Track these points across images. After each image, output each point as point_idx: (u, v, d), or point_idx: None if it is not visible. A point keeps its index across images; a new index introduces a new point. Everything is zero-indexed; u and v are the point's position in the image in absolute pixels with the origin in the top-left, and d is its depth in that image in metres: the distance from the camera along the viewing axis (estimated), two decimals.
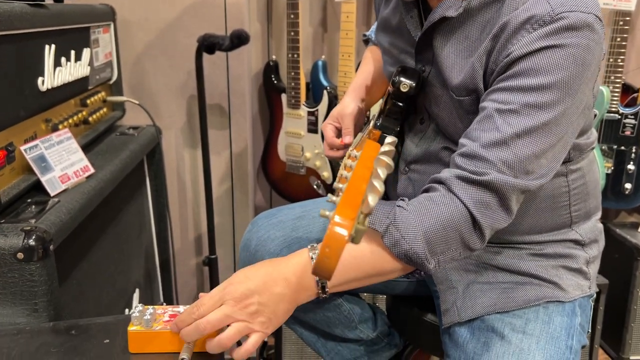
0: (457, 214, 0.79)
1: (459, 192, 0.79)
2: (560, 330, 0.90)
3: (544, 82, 0.77)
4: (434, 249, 0.80)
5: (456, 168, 0.81)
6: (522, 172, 0.79)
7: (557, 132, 0.79)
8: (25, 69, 1.02)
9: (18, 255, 0.85)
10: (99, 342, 0.80)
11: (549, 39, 0.76)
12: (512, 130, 0.78)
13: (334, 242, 0.54)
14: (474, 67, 0.85)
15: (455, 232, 0.80)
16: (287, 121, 1.89)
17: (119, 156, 1.31)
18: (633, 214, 2.13)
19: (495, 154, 0.78)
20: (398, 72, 0.94)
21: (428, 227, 0.79)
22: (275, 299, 0.77)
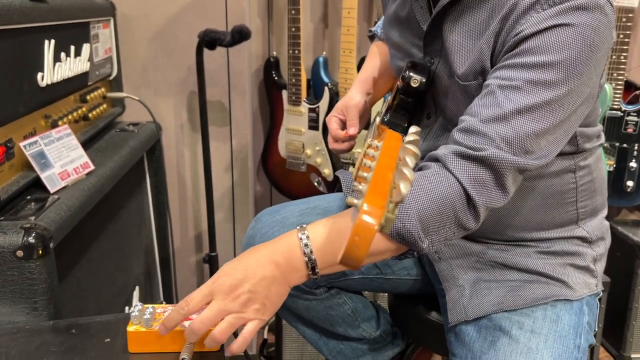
0: (451, 191, 0.77)
1: (454, 169, 0.77)
2: (569, 329, 0.89)
3: (550, 59, 0.75)
4: (428, 228, 0.77)
5: (454, 144, 0.79)
6: (520, 150, 0.77)
7: (560, 113, 0.77)
8: (25, 65, 1.01)
9: (17, 253, 0.84)
10: (99, 341, 0.79)
11: (558, 17, 0.75)
12: (513, 106, 0.76)
13: (364, 230, 0.52)
14: (482, 50, 0.83)
15: (450, 210, 0.77)
16: (287, 118, 1.88)
17: (119, 153, 1.30)
18: (634, 212, 2.13)
19: (494, 129, 0.76)
20: (408, 67, 0.93)
21: (421, 206, 0.76)
22: (265, 283, 0.75)
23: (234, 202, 1.91)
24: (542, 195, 0.93)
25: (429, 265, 1.04)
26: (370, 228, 0.52)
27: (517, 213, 0.93)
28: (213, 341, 0.74)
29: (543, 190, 0.92)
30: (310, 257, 0.76)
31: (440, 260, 1.00)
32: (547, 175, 0.91)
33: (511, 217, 0.94)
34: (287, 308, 1.16)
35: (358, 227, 0.52)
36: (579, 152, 0.92)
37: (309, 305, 1.12)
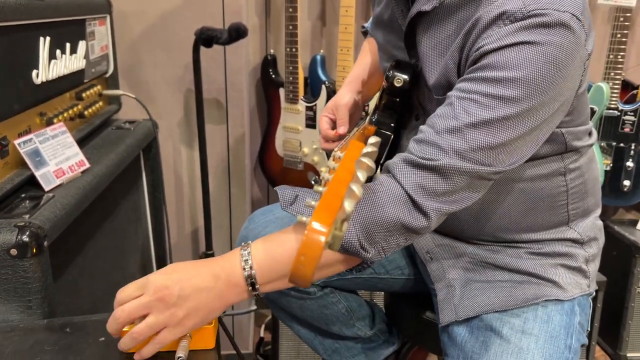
0: (394, 199, 0.76)
1: (399, 176, 0.77)
2: (560, 329, 0.89)
3: (510, 76, 0.74)
4: (373, 237, 0.76)
5: (407, 153, 0.79)
6: (473, 161, 0.76)
7: (519, 128, 0.76)
8: (20, 62, 1.00)
9: (11, 252, 0.84)
10: (94, 340, 0.79)
11: (520, 34, 0.74)
12: (469, 119, 0.75)
13: (310, 249, 0.52)
14: (447, 65, 0.84)
15: (394, 218, 0.76)
16: (285, 116, 1.88)
17: (115, 150, 1.29)
18: (631, 211, 2.13)
19: (447, 141, 0.76)
20: (392, 66, 0.93)
21: (364, 217, 0.75)
22: (198, 294, 0.73)
23: (231, 200, 1.91)
24: (533, 199, 0.93)
25: (422, 265, 1.04)
26: (317, 246, 0.52)
27: (507, 216, 0.93)
28: (131, 340, 0.73)
29: (533, 193, 0.92)
30: (250, 273, 0.75)
31: (431, 260, 1.00)
32: (537, 178, 0.91)
33: (501, 220, 0.94)
34: (282, 308, 1.16)
35: (304, 246, 0.52)
36: (568, 152, 0.91)
37: (303, 304, 1.12)
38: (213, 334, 0.79)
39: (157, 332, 0.73)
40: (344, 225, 0.55)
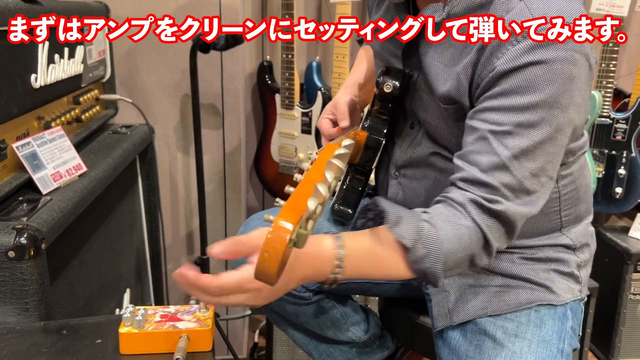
0: (475, 238, 0.80)
1: (476, 218, 0.80)
2: (552, 333, 0.91)
3: (534, 100, 0.76)
4: (448, 268, 0.80)
5: (466, 192, 0.81)
6: (523, 193, 0.80)
7: (553, 148, 0.80)
8: (19, 66, 1.01)
9: (9, 254, 0.84)
10: (91, 343, 0.79)
11: (534, 53, 0.76)
12: (508, 152, 0.78)
13: (273, 246, 0.53)
14: (459, 79, 0.85)
15: (470, 254, 0.81)
16: (280, 122, 1.89)
17: (112, 154, 1.30)
18: (623, 218, 2.15)
19: (497, 178, 0.79)
20: (382, 72, 0.94)
21: (449, 249, 0.79)
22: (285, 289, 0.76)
23: (226, 205, 1.91)
24: None
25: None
26: (280, 243, 0.52)
27: None
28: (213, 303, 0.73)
29: None
30: (336, 277, 0.78)
31: None
32: None
33: None
34: (276, 312, 1.16)
35: (268, 242, 0.53)
36: (562, 165, 0.93)
37: (298, 309, 1.12)
38: (210, 337, 0.79)
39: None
40: (308, 223, 0.56)
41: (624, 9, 1.77)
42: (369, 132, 0.98)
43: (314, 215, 0.55)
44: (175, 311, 0.81)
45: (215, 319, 0.83)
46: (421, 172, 0.98)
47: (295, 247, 0.55)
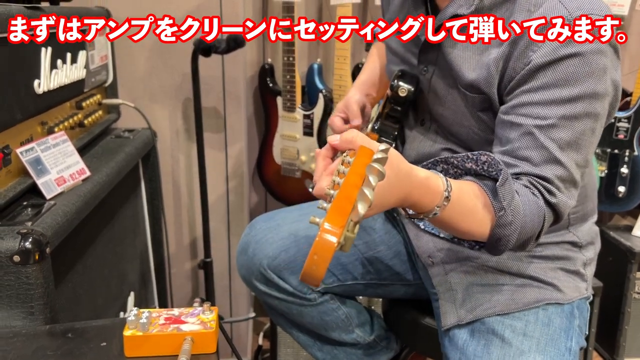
0: (538, 220, 0.81)
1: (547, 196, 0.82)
2: (560, 332, 0.91)
3: (575, 92, 0.78)
4: (517, 241, 0.81)
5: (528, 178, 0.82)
6: (572, 184, 0.83)
7: (593, 139, 0.82)
8: (22, 72, 1.01)
9: (14, 258, 0.85)
10: (96, 346, 0.80)
11: (570, 46, 0.78)
12: (556, 145, 0.80)
13: (323, 249, 0.53)
14: (490, 71, 0.85)
15: (533, 234, 0.82)
16: (282, 124, 1.89)
17: (115, 159, 1.30)
18: (627, 217, 2.15)
19: (551, 171, 0.81)
20: (397, 76, 0.95)
21: (526, 224, 0.80)
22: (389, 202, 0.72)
23: (229, 208, 1.92)
24: None
25: (423, 270, 1.05)
26: (329, 247, 0.53)
27: None
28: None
29: None
30: (437, 212, 0.76)
31: (433, 264, 1.01)
32: None
33: None
34: (281, 314, 1.17)
35: (317, 245, 0.53)
36: None
37: (303, 311, 1.13)
38: (214, 339, 0.79)
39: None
40: (356, 227, 0.56)
41: (625, 7, 1.77)
42: (379, 135, 0.99)
43: (361, 219, 0.56)
44: (179, 314, 0.82)
45: (219, 321, 0.83)
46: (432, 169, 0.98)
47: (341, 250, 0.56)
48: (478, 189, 0.79)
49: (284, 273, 1.08)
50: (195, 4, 1.70)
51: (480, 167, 0.81)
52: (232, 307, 1.98)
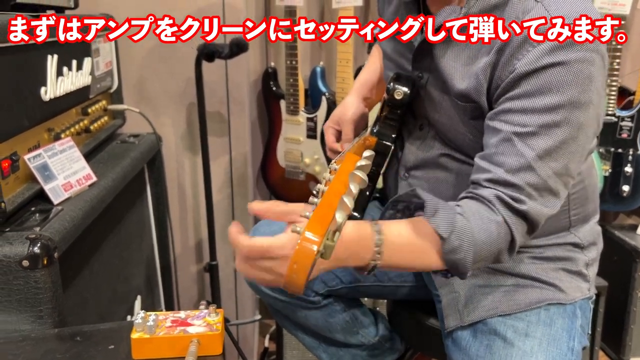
0: (503, 234, 0.82)
1: (504, 215, 0.81)
2: (562, 332, 0.91)
3: (556, 101, 0.78)
4: (477, 260, 0.82)
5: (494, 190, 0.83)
6: (547, 192, 0.82)
7: (575, 148, 0.81)
8: (29, 80, 1.03)
9: (23, 263, 0.86)
10: (104, 348, 0.81)
11: (553, 55, 0.77)
12: (533, 153, 0.80)
13: (302, 258, 0.54)
14: (478, 79, 0.85)
15: (498, 248, 0.82)
16: (286, 127, 1.90)
17: (121, 164, 1.32)
18: (631, 216, 2.14)
19: (522, 179, 0.80)
20: (393, 79, 0.95)
21: (480, 243, 0.80)
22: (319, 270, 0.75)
23: (234, 211, 1.93)
24: None
25: (426, 272, 1.06)
26: (308, 256, 0.54)
27: None
28: (255, 270, 0.73)
29: None
30: (376, 264, 0.78)
31: None
32: None
33: None
34: (286, 316, 1.17)
35: (297, 254, 0.54)
36: None
37: (308, 313, 1.13)
38: (220, 341, 0.80)
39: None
40: (335, 235, 0.57)
41: (626, 7, 1.77)
42: (378, 138, 0.99)
43: (340, 227, 0.57)
44: (185, 316, 0.83)
45: (225, 324, 0.84)
46: (431, 174, 0.99)
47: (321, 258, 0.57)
48: (422, 224, 0.81)
49: None
50: (197, 8, 1.71)
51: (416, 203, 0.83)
52: (238, 310, 1.99)
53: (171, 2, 1.70)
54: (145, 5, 1.70)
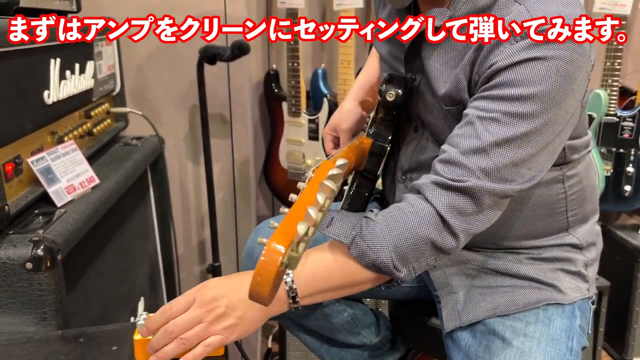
0: (426, 220, 0.80)
1: (430, 197, 0.80)
2: (561, 332, 0.91)
3: (526, 92, 0.77)
4: (405, 257, 0.80)
5: (434, 174, 0.82)
6: (499, 180, 0.79)
7: (539, 142, 0.79)
8: (32, 83, 1.04)
9: (27, 265, 0.87)
10: (107, 350, 0.81)
11: (532, 50, 0.77)
12: (491, 138, 0.78)
13: (265, 270, 0.54)
14: (458, 78, 0.86)
15: (426, 239, 0.80)
16: (288, 129, 1.91)
17: (123, 166, 1.32)
18: (633, 216, 2.14)
19: (473, 161, 0.79)
20: (385, 80, 0.95)
21: (396, 236, 0.79)
22: (244, 305, 0.77)
23: (237, 213, 1.93)
24: (533, 207, 0.95)
25: (425, 273, 1.06)
26: (271, 268, 0.54)
27: (508, 224, 0.95)
28: (177, 344, 0.76)
29: (533, 202, 0.94)
30: (292, 286, 0.80)
31: (434, 268, 1.02)
32: (536, 186, 0.93)
33: (502, 228, 0.96)
34: (288, 317, 1.18)
35: (260, 266, 0.54)
36: (567, 163, 0.94)
37: (309, 313, 1.14)
38: None
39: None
40: (300, 246, 0.57)
41: (627, 7, 1.77)
42: (374, 139, 0.99)
43: (305, 238, 0.57)
44: None
45: None
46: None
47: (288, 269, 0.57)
48: (333, 245, 0.82)
49: None
50: (199, 11, 1.72)
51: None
52: None
53: (173, 6, 1.71)
54: (147, 9, 1.71)
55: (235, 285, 0.79)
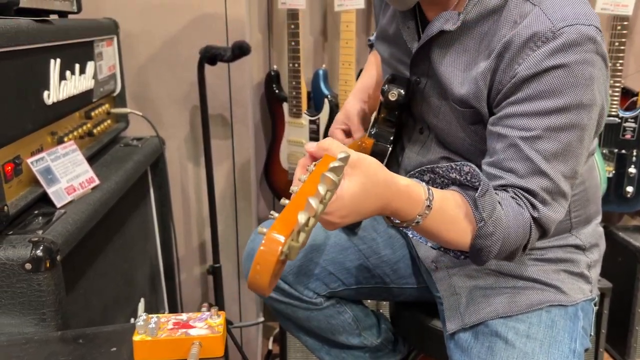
0: (528, 232, 0.82)
1: (530, 214, 0.82)
2: (564, 333, 0.91)
3: (559, 103, 0.78)
4: (500, 253, 0.82)
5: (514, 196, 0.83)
6: (560, 195, 0.82)
7: (580, 149, 0.82)
8: (32, 84, 1.04)
9: (26, 266, 0.87)
10: (107, 351, 0.81)
11: (554, 57, 0.78)
12: (541, 157, 0.80)
13: (265, 259, 0.53)
14: (478, 85, 0.85)
15: (519, 245, 0.83)
16: (289, 130, 1.91)
17: (124, 167, 1.32)
18: (636, 217, 2.13)
19: (535, 183, 0.81)
20: (387, 80, 0.95)
21: (510, 235, 0.81)
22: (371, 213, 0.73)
23: (237, 213, 1.93)
24: None
25: (427, 274, 1.06)
26: (271, 257, 0.53)
27: None
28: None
29: None
30: (419, 221, 0.77)
31: (437, 269, 1.02)
32: None
33: None
34: (289, 318, 1.18)
35: (260, 255, 0.53)
36: None
37: (310, 315, 1.13)
38: (222, 343, 0.80)
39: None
40: (300, 236, 0.56)
41: (629, 7, 1.76)
42: (376, 140, 0.99)
43: (305, 228, 0.56)
44: (187, 318, 0.83)
45: (228, 326, 0.84)
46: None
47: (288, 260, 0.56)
48: (461, 199, 0.80)
49: (290, 278, 1.10)
50: (201, 12, 1.72)
51: (463, 178, 0.81)
52: (241, 312, 1.99)
53: (174, 8, 1.71)
54: (149, 11, 1.71)
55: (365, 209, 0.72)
